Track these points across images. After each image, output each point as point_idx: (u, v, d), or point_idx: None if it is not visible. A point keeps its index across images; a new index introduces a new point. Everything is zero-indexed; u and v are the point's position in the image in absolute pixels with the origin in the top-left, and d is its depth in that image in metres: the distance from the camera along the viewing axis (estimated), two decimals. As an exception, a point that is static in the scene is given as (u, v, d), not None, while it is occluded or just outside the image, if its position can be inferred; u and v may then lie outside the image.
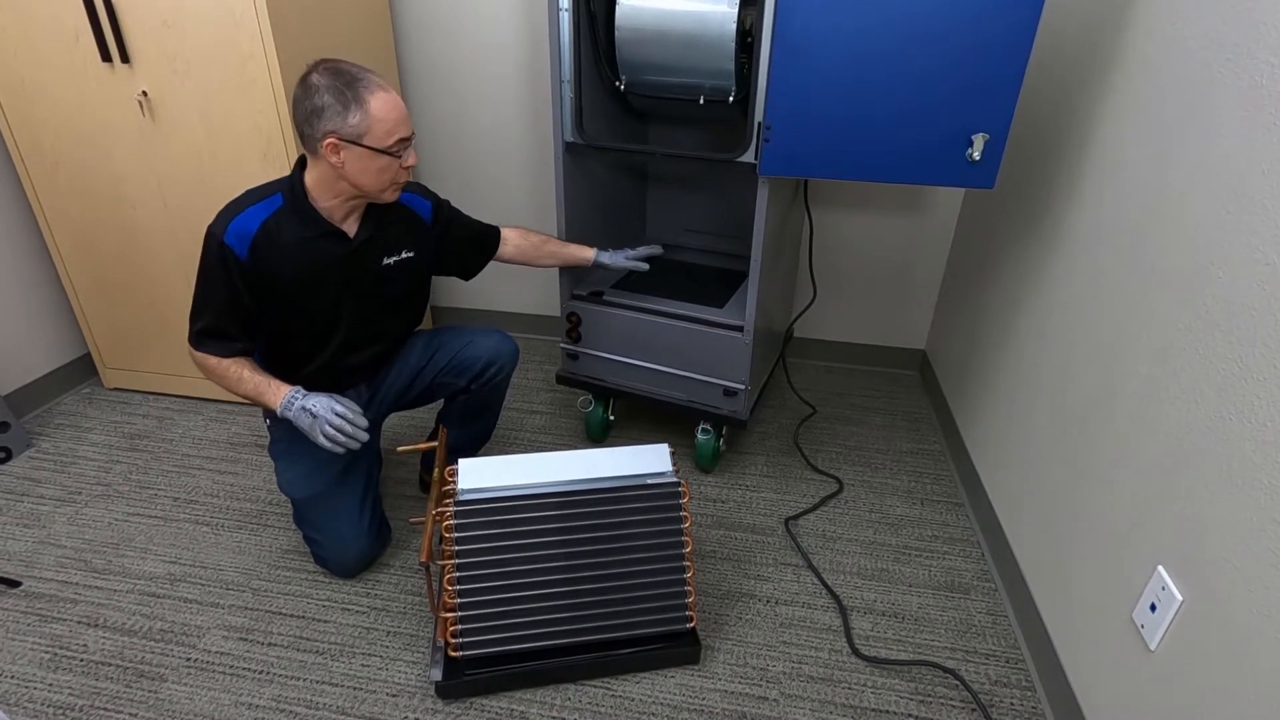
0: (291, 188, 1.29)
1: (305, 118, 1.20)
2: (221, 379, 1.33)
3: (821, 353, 2.41)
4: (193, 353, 1.33)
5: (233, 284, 1.27)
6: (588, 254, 1.68)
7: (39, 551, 1.55)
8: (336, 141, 1.20)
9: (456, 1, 2.08)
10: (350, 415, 1.28)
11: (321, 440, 1.26)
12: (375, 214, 1.37)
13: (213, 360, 1.31)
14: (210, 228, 1.26)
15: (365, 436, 1.29)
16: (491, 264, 1.65)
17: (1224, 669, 0.86)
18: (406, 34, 2.15)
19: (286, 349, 1.40)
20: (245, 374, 1.31)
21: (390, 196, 1.30)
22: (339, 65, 1.20)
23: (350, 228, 1.35)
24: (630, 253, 1.71)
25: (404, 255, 1.43)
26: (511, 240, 1.64)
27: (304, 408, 1.27)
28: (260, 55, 1.58)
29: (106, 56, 1.63)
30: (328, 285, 1.35)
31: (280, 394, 1.29)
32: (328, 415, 1.26)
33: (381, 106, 1.20)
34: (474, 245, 1.61)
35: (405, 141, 1.24)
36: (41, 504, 1.69)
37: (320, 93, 1.17)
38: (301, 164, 1.29)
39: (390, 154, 1.22)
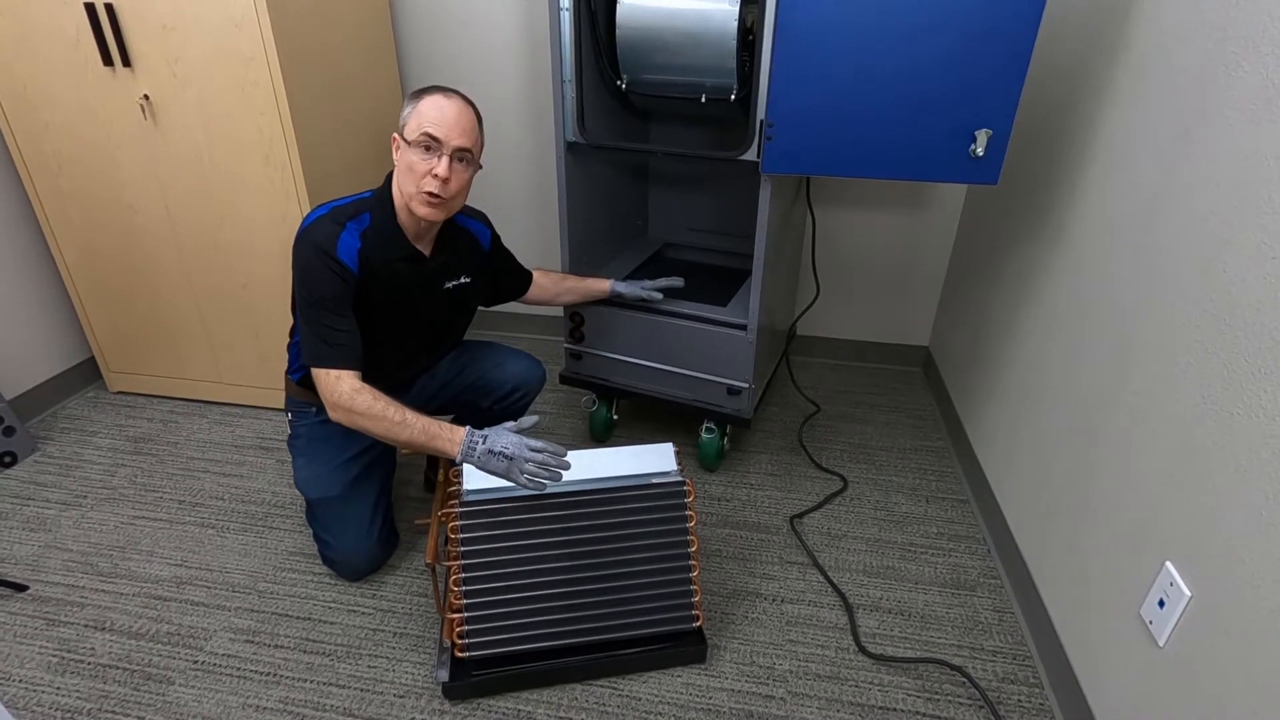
0: (380, 202, 1.28)
1: None
2: (376, 421, 1.19)
3: (825, 350, 2.41)
4: (338, 394, 1.20)
5: (350, 298, 1.24)
6: (604, 285, 1.64)
7: (45, 555, 1.55)
8: (395, 136, 1.24)
9: (457, 2, 2.08)
10: (549, 446, 1.18)
11: (523, 481, 1.15)
12: (447, 238, 1.37)
13: (364, 401, 1.19)
14: (316, 245, 1.21)
15: (570, 464, 1.19)
16: None
17: (1233, 665, 0.86)
18: (407, 35, 2.15)
19: None
20: (409, 417, 1.19)
21: (419, 207, 1.24)
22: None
23: (426, 249, 1.35)
24: (648, 283, 1.65)
25: (463, 280, 1.43)
26: (538, 282, 1.62)
27: (491, 451, 1.16)
28: (261, 58, 1.58)
29: (108, 60, 1.63)
30: (397, 305, 1.34)
31: (457, 438, 1.18)
32: (524, 453, 1.16)
33: (428, 104, 1.21)
34: (509, 281, 1.59)
35: (432, 140, 1.20)
36: (47, 508, 1.70)
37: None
38: (389, 179, 1.30)
39: (413, 145, 1.21)
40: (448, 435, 1.19)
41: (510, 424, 1.22)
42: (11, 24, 1.65)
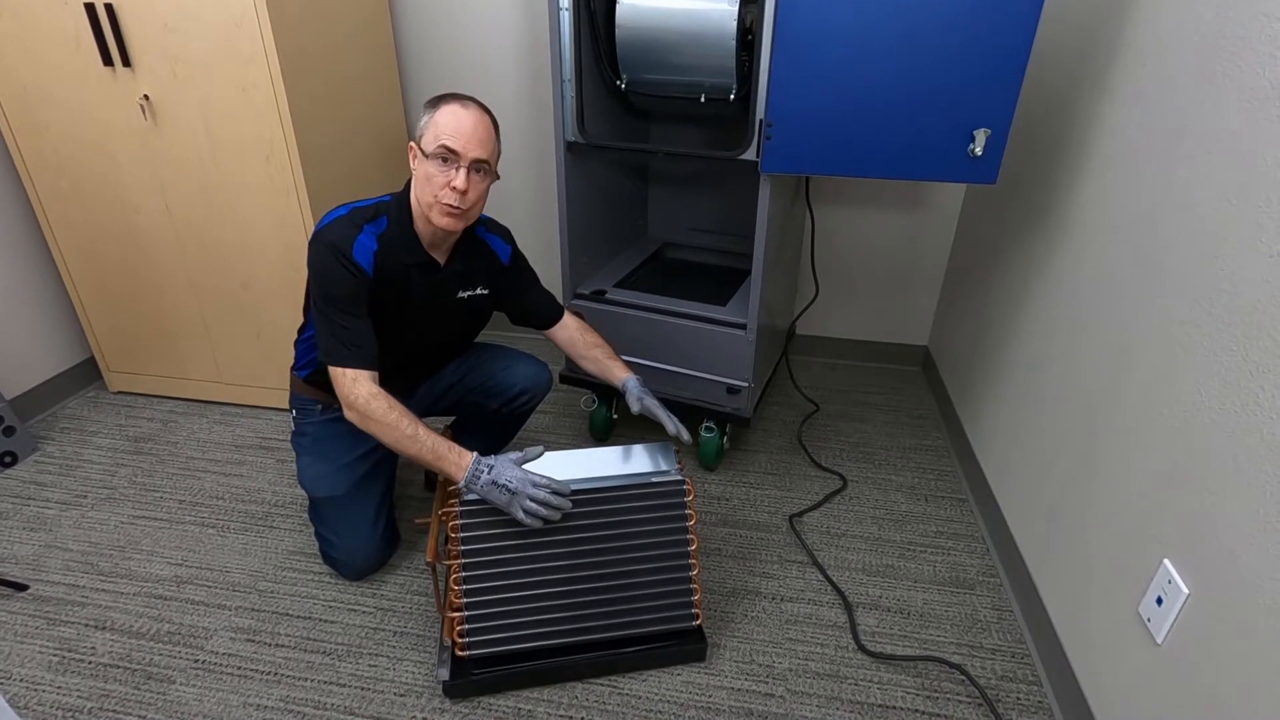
0: (399, 208, 1.28)
1: None
2: (388, 429, 1.20)
3: (824, 350, 2.41)
4: (354, 395, 1.20)
5: (364, 298, 1.24)
6: (622, 375, 1.47)
7: (46, 555, 1.56)
8: (412, 145, 1.23)
9: (456, 3, 2.08)
10: (553, 484, 1.19)
11: (521, 516, 1.17)
12: (464, 248, 1.37)
13: (379, 407, 1.20)
14: (331, 244, 1.21)
15: (569, 505, 1.20)
16: None
17: (1231, 662, 0.86)
18: (407, 34, 2.16)
19: None
20: (420, 433, 1.20)
21: (438, 218, 1.23)
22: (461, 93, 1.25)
23: (441, 257, 1.35)
24: (658, 406, 1.44)
25: (479, 291, 1.43)
26: (570, 327, 1.54)
27: (495, 483, 1.17)
28: (261, 58, 1.59)
29: (108, 60, 1.63)
30: (407, 310, 1.34)
31: (464, 463, 1.18)
32: (526, 490, 1.17)
33: (444, 114, 1.20)
34: (534, 306, 1.54)
35: (449, 152, 1.18)
36: (48, 507, 1.70)
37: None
38: (408, 185, 1.30)
39: (431, 157, 1.19)
40: (455, 459, 1.19)
41: (516, 454, 1.23)
42: (11, 24, 1.65)
